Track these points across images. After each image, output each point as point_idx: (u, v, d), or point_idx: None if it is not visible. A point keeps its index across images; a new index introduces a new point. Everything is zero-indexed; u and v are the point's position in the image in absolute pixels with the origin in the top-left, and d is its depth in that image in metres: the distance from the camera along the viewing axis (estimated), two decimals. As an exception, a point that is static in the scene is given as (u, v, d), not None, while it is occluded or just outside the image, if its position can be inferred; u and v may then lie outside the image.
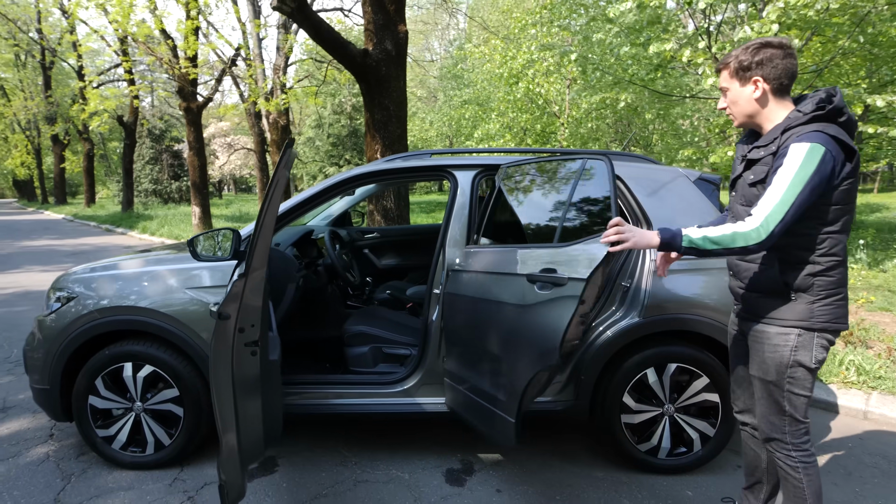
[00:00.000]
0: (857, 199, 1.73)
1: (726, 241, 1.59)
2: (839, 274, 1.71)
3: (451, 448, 2.83)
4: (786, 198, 1.55)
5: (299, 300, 2.94)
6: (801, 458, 1.80)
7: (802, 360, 1.72)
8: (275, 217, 1.60)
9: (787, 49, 1.69)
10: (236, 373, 1.59)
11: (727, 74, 1.78)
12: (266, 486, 2.48)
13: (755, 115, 1.76)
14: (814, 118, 1.63)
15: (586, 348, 2.54)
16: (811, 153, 1.55)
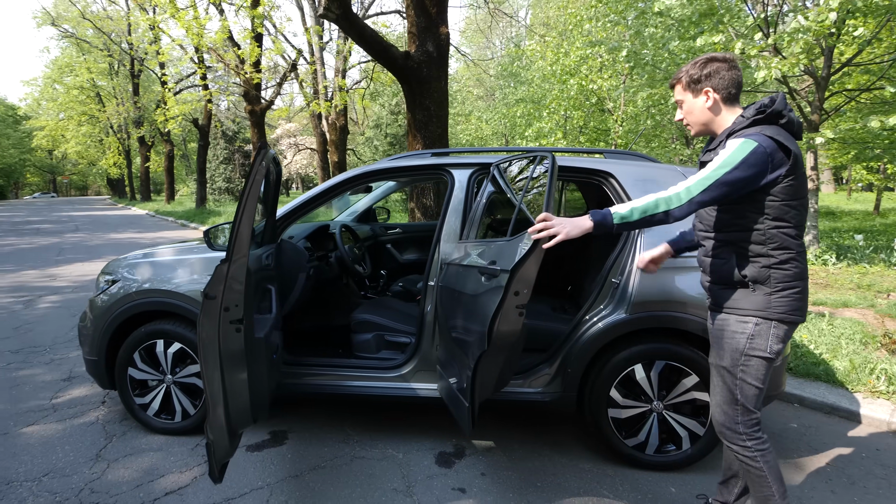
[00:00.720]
0: (807, 197, 1.77)
1: (650, 207, 1.71)
2: (795, 267, 1.77)
3: (447, 433, 2.97)
4: (712, 175, 1.66)
5: (313, 289, 3.18)
6: (756, 447, 1.86)
7: (757, 348, 1.79)
8: (252, 212, 1.82)
9: (732, 62, 1.85)
10: (222, 347, 1.82)
11: (680, 88, 1.93)
12: (273, 455, 2.74)
13: (709, 122, 1.90)
14: (755, 122, 1.75)
15: (574, 342, 2.62)
16: (742, 145, 1.66)
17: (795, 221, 1.75)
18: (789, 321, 1.78)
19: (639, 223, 1.72)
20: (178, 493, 2.40)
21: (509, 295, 1.86)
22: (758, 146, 1.64)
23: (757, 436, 1.86)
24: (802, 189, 1.74)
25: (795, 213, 1.74)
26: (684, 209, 1.68)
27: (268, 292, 2.49)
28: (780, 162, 1.68)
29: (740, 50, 7.27)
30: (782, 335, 1.79)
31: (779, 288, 1.76)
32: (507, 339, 1.97)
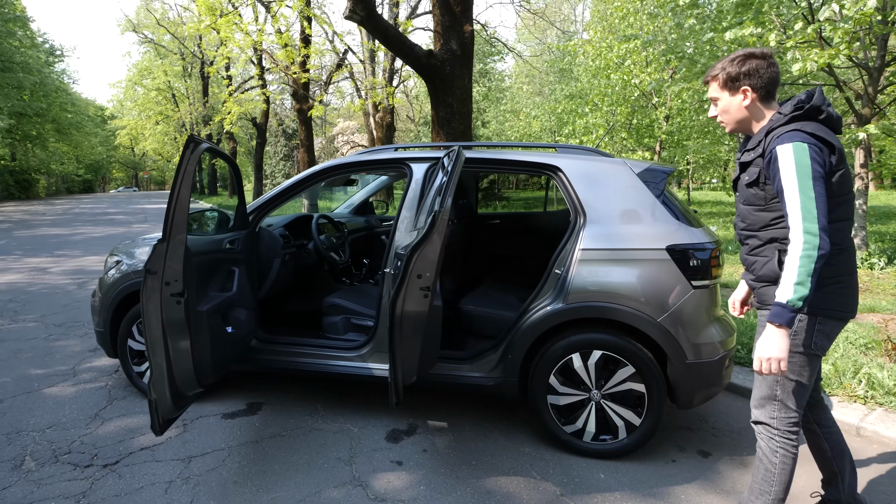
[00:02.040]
0: (852, 191, 1.79)
1: (804, 271, 1.59)
2: (840, 262, 1.76)
3: (406, 412, 3.15)
4: (805, 197, 1.61)
5: (294, 274, 3.44)
6: (782, 444, 1.86)
7: (802, 346, 1.78)
8: (186, 200, 2.05)
9: (770, 59, 1.82)
10: (164, 316, 2.08)
11: (717, 86, 1.90)
12: (243, 423, 3.01)
13: (746, 121, 1.89)
14: (793, 118, 1.74)
15: (517, 330, 2.72)
16: (797, 151, 1.64)
17: (843, 214, 1.75)
18: (836, 317, 1.79)
19: (812, 287, 1.60)
20: (151, 450, 2.72)
21: (410, 277, 2.00)
22: (808, 147, 1.64)
23: (789, 436, 1.85)
24: (848, 183, 1.75)
25: (844, 206, 1.75)
26: (823, 244, 1.59)
27: (231, 273, 2.75)
28: (830, 156, 1.69)
29: (777, 42, 6.95)
30: (828, 331, 1.78)
31: (825, 283, 1.73)
32: (416, 320, 2.12)
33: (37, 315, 5.29)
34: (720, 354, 2.53)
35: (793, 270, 1.62)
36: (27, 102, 27.95)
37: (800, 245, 1.61)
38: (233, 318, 2.73)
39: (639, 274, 2.53)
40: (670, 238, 2.53)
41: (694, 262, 2.50)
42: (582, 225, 2.66)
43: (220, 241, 2.74)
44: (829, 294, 1.76)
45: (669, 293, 2.50)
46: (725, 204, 22.24)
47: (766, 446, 1.90)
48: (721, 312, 2.67)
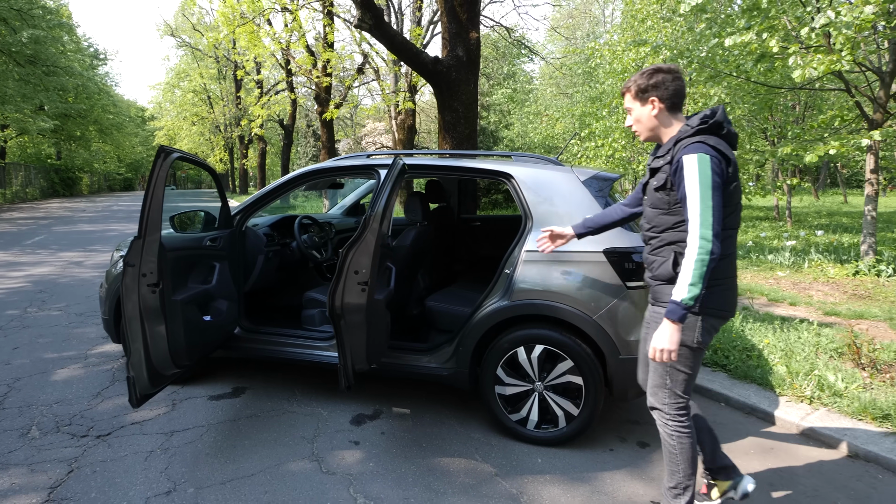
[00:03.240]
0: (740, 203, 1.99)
1: (697, 273, 1.78)
2: (723, 266, 1.95)
3: (374, 398, 3.41)
4: (704, 205, 1.80)
5: (279, 270, 3.74)
6: (675, 428, 2.07)
7: (685, 340, 1.96)
8: (159, 203, 2.35)
9: (675, 73, 2.02)
10: (141, 304, 2.38)
11: (630, 97, 2.11)
12: (226, 404, 3.32)
13: (656, 129, 2.08)
14: (698, 131, 1.93)
15: (468, 324, 2.94)
16: (701, 162, 1.83)
17: (731, 225, 1.94)
18: (717, 315, 1.99)
19: (703, 287, 1.79)
20: (140, 424, 3.05)
21: (347, 272, 2.25)
22: (711, 158, 1.82)
23: (680, 419, 2.05)
24: (737, 195, 1.94)
25: (730, 218, 1.93)
26: (716, 246, 1.78)
27: (212, 268, 3.07)
28: (725, 168, 1.87)
29: (779, 48, 6.96)
30: (710, 328, 1.98)
31: (710, 284, 1.91)
32: (356, 312, 2.37)
33: (62, 304, 5.76)
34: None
35: (688, 272, 1.80)
36: (71, 104, 29.39)
37: (695, 249, 1.79)
38: (212, 308, 3.04)
39: (577, 275, 2.72)
40: (608, 242, 2.72)
41: (629, 265, 2.68)
42: (529, 228, 2.87)
43: (201, 238, 3.05)
44: (712, 295, 1.94)
45: (605, 293, 2.68)
46: (753, 208, 21.83)
47: (663, 431, 2.11)
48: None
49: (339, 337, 2.42)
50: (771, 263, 8.45)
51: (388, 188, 2.43)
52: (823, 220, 16.04)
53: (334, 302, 2.33)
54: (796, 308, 5.64)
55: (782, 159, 8.65)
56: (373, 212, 2.38)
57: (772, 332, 4.30)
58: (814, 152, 7.15)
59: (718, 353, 3.87)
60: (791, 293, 6.32)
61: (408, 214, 3.58)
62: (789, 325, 4.54)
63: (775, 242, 10.51)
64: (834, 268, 7.93)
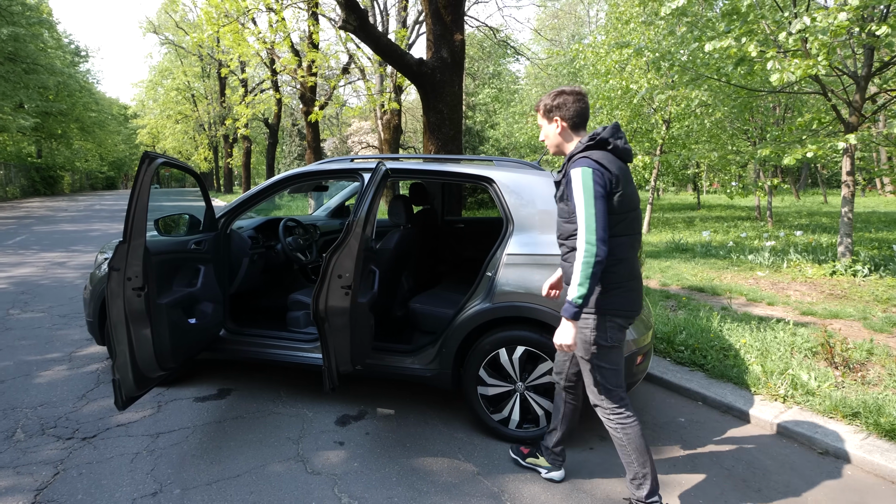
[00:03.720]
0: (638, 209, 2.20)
1: (583, 274, 1.97)
2: (621, 270, 2.15)
3: (359, 399, 3.45)
4: (588, 216, 1.99)
5: (264, 272, 3.76)
6: (618, 421, 2.23)
7: (598, 340, 2.16)
8: (144, 208, 2.38)
9: (578, 95, 2.22)
10: (127, 308, 2.40)
11: (539, 115, 2.32)
12: (212, 406, 3.35)
13: (560, 145, 2.29)
14: (587, 147, 2.14)
15: (451, 326, 3.00)
16: (583, 175, 2.03)
17: (623, 232, 2.11)
18: (622, 315, 2.17)
19: (590, 288, 1.97)
20: (126, 426, 3.07)
21: (330, 277, 2.30)
22: (593, 171, 2.01)
23: (618, 412, 2.21)
24: (628, 204, 2.11)
25: (623, 223, 2.11)
26: (600, 252, 1.96)
27: (197, 271, 3.09)
28: (609, 180, 2.04)
29: (758, 52, 7.11)
30: (617, 327, 2.16)
31: (608, 288, 2.13)
32: (340, 315, 2.42)
33: (45, 306, 5.72)
34: (631, 351, 2.78)
35: (577, 274, 1.99)
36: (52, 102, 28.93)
37: (581, 253, 1.98)
38: (197, 311, 3.06)
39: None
40: (587, 245, 2.79)
41: (607, 268, 2.75)
42: (511, 232, 2.93)
43: (186, 242, 3.07)
44: (615, 297, 2.14)
45: (584, 295, 2.75)
46: (735, 208, 22.19)
47: (607, 425, 2.26)
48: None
49: (323, 340, 2.46)
50: (751, 264, 8.62)
51: (371, 193, 2.48)
52: (804, 220, 16.35)
53: (318, 305, 2.37)
54: (774, 308, 5.78)
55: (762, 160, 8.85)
56: (356, 217, 2.43)
57: (749, 332, 4.42)
58: (791, 155, 7.32)
59: (696, 352, 3.98)
60: (769, 293, 6.46)
61: (392, 217, 3.63)
62: (766, 325, 4.66)
63: (755, 242, 10.70)
64: (812, 268, 8.11)
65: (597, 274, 1.96)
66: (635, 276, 2.21)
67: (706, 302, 5.89)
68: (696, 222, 16.03)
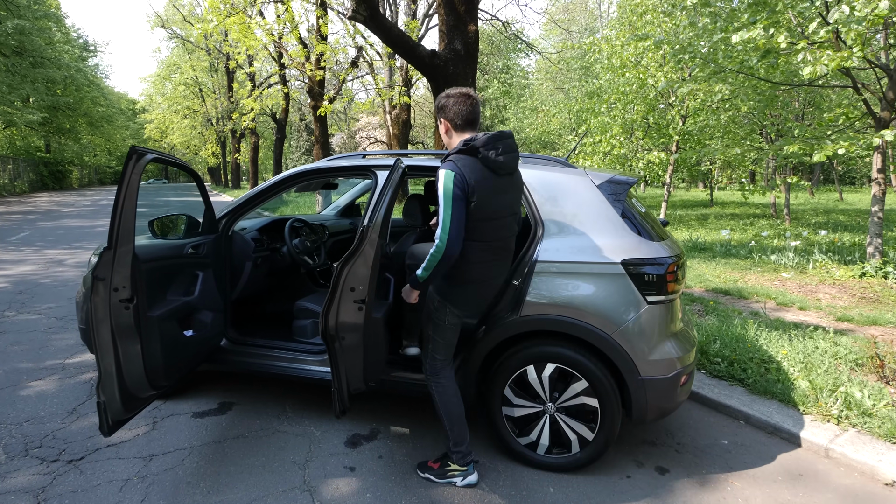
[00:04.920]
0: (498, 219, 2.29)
1: (429, 260, 2.19)
2: (469, 271, 2.31)
3: (371, 417, 3.18)
4: (445, 213, 2.14)
5: (269, 277, 3.49)
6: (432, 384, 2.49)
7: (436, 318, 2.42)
8: (131, 209, 2.10)
9: (463, 96, 2.31)
10: (114, 322, 2.14)
11: (435, 114, 2.45)
12: (211, 423, 3.08)
13: (447, 144, 2.41)
14: (459, 151, 2.23)
15: (473, 339, 2.72)
16: (446, 176, 2.15)
17: (477, 237, 2.25)
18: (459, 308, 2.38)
19: (432, 275, 2.22)
20: (116, 447, 2.81)
21: (342, 290, 2.02)
22: (454, 175, 2.13)
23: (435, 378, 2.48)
24: (482, 213, 2.21)
25: (477, 230, 2.23)
26: (449, 250, 2.15)
27: (195, 277, 2.82)
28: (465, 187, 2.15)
29: (787, 44, 6.75)
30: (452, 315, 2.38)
31: (453, 283, 2.34)
32: (353, 332, 2.14)
33: (42, 307, 5.49)
34: (675, 371, 2.48)
35: (425, 260, 2.21)
36: (60, 96, 28.83)
37: (434, 245, 2.17)
38: (195, 321, 2.80)
39: (593, 288, 2.50)
40: (627, 252, 2.50)
41: (649, 277, 2.46)
42: (540, 237, 2.64)
43: (182, 246, 2.80)
44: (456, 290, 2.35)
45: (623, 308, 2.46)
46: (749, 205, 21.72)
47: (429, 389, 2.48)
48: (679, 327, 2.63)
49: (333, 360, 2.18)
50: (774, 264, 8.28)
51: (389, 194, 2.20)
52: (820, 217, 15.94)
53: (328, 322, 2.10)
54: (806, 313, 5.45)
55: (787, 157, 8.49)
56: (371, 222, 2.14)
57: (787, 341, 4.11)
58: (822, 151, 6.96)
59: (735, 365, 3.67)
60: (799, 297, 6.14)
61: (406, 218, 3.34)
62: (804, 333, 4.35)
63: (775, 242, 10.34)
64: (839, 269, 7.77)
65: (441, 268, 2.18)
66: (484, 280, 2.37)
67: (734, 306, 5.58)
68: (710, 220, 15.63)
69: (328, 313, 2.10)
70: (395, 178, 2.21)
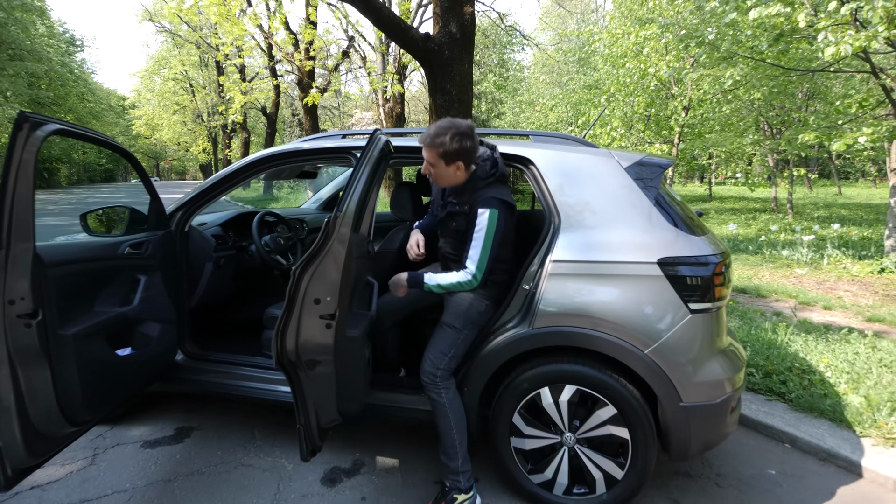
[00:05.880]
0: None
1: (454, 287, 2.13)
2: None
3: (353, 444, 2.70)
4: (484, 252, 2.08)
5: (231, 280, 3.00)
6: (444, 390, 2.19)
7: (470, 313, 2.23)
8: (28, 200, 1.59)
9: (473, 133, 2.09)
10: (10, 342, 1.66)
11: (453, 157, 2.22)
12: (163, 454, 2.60)
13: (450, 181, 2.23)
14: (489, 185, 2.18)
15: (475, 355, 2.24)
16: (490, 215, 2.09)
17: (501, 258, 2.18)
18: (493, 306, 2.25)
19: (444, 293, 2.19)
20: (42, 488, 2.32)
21: (302, 303, 1.54)
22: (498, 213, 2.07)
23: (448, 382, 2.20)
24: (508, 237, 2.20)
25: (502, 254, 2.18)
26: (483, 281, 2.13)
27: (135, 283, 2.32)
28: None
29: (807, 23, 6.30)
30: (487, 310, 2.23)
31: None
32: (321, 355, 1.66)
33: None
34: (724, 395, 2.02)
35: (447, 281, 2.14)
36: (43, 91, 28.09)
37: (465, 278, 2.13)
38: (137, 336, 2.30)
39: (623, 293, 2.03)
40: (664, 249, 2.03)
41: (692, 280, 1.99)
42: (556, 229, 2.16)
43: (116, 245, 2.30)
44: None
45: (661, 318, 1.99)
46: (749, 199, 21.31)
47: (432, 392, 2.20)
48: (727, 342, 2.16)
49: (296, 391, 1.71)
50: (787, 260, 7.87)
51: (364, 175, 1.72)
52: (822, 211, 15.57)
53: (285, 345, 1.62)
54: (832, 313, 5.01)
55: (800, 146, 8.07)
56: (340, 211, 1.66)
57: (824, 345, 3.66)
58: (841, 140, 6.51)
59: (773, 377, 3.21)
60: (819, 295, 5.72)
61: (395, 210, 2.85)
62: (838, 337, 3.91)
63: (782, 237, 9.94)
64: (855, 264, 7.35)
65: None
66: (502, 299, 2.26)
67: (754, 306, 5.13)
68: (711, 214, 15.21)
69: (284, 334, 1.62)
70: (373, 153, 1.73)
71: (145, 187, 2.46)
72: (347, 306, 1.75)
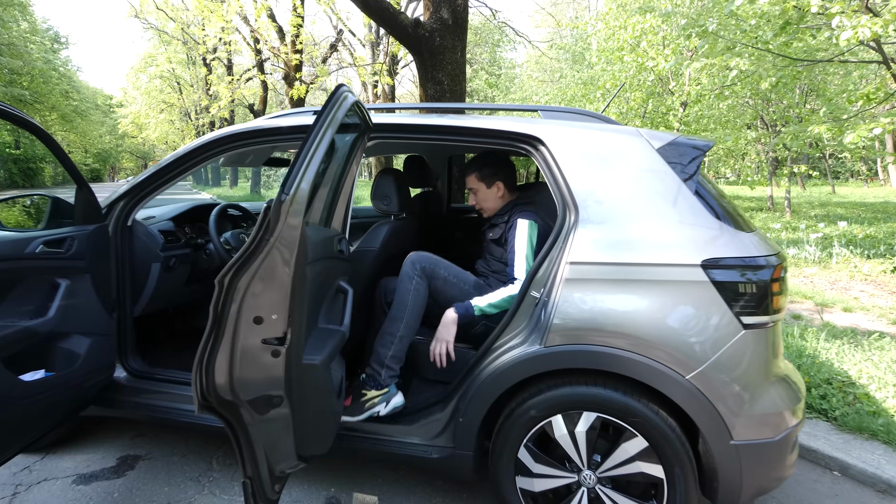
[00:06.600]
0: None
1: (505, 302, 1.98)
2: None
3: (326, 477, 2.28)
4: (528, 260, 2.06)
5: (185, 284, 2.57)
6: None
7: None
8: None
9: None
10: None
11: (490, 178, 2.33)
12: (98, 492, 2.16)
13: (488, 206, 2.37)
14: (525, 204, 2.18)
15: (472, 378, 1.84)
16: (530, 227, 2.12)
17: None
18: None
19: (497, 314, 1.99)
20: (-61, 542, 1.88)
21: (236, 321, 1.12)
22: (537, 225, 2.11)
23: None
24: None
25: None
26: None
27: (52, 290, 1.89)
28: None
29: (819, 8, 5.97)
30: None
31: None
32: (266, 389, 1.24)
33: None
34: (784, 431, 1.62)
35: (497, 298, 2.01)
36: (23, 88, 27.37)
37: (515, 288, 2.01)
38: (56, 354, 1.87)
39: (658, 303, 1.62)
40: (708, 248, 1.63)
41: (746, 287, 1.59)
42: (572, 225, 1.76)
43: (25, 242, 1.86)
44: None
45: (706, 335, 1.59)
46: (742, 198, 21.05)
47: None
48: (784, 365, 1.75)
49: (237, 439, 1.28)
50: (794, 258, 7.55)
51: (321, 142, 1.28)
52: (818, 210, 15.36)
53: (212, 381, 1.19)
54: (853, 315, 4.68)
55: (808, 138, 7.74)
56: (286, 194, 1.23)
57: (860, 353, 3.29)
58: (855, 132, 6.19)
59: (811, 390, 2.82)
60: (835, 296, 5.41)
61: (377, 202, 2.42)
62: (868, 342, 3.55)
63: (783, 235, 9.65)
64: (865, 263, 7.06)
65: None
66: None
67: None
68: (709, 213, 14.90)
69: (210, 365, 1.19)
70: (335, 115, 1.30)
71: (71, 174, 2.03)
72: (305, 324, 1.33)
